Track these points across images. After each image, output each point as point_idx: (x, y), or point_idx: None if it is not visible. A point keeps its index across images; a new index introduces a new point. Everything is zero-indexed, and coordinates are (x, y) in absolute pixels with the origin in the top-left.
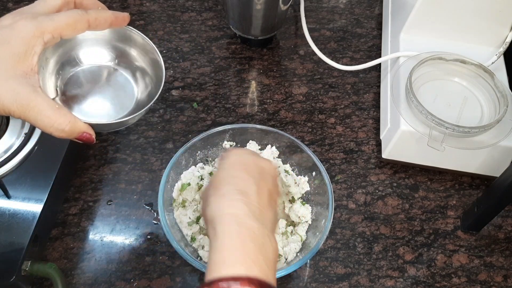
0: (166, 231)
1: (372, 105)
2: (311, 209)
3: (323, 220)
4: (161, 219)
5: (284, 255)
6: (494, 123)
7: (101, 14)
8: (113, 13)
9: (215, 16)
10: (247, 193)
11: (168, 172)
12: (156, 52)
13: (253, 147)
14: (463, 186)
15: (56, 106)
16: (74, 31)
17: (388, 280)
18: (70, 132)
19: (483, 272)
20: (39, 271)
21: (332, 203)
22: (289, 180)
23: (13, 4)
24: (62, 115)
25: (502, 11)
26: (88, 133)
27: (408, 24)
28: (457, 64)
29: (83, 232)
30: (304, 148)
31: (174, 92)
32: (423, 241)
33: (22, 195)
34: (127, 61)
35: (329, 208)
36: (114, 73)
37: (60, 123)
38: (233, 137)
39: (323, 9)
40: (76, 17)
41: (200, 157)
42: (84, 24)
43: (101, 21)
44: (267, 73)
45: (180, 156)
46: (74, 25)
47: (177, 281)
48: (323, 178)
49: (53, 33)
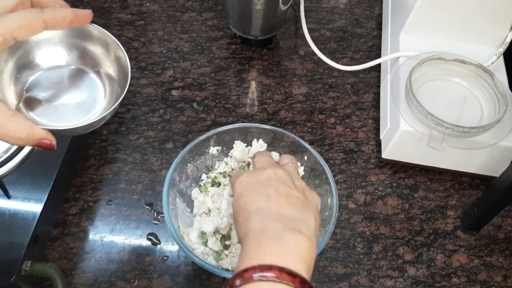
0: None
1: (372, 105)
2: None
3: (326, 212)
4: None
5: None
6: (494, 123)
7: (58, 12)
8: (73, 11)
9: (215, 16)
10: (260, 207)
11: (167, 193)
12: (120, 47)
13: (239, 146)
14: (463, 186)
15: (10, 113)
16: (28, 32)
17: (388, 280)
18: (27, 139)
19: (483, 272)
20: (39, 271)
21: (335, 194)
22: None
23: None
24: (16, 122)
25: (502, 11)
26: (47, 139)
27: (408, 24)
28: (457, 64)
29: (83, 232)
30: (288, 134)
31: (174, 92)
32: (423, 241)
33: (22, 195)
34: (90, 60)
35: (333, 199)
36: (77, 73)
37: (15, 131)
38: (218, 142)
39: (323, 9)
40: (31, 17)
41: (190, 169)
42: (40, 24)
43: (59, 20)
44: (267, 73)
45: (172, 173)
46: (28, 26)
47: (177, 281)
48: (327, 175)
49: (5, 35)
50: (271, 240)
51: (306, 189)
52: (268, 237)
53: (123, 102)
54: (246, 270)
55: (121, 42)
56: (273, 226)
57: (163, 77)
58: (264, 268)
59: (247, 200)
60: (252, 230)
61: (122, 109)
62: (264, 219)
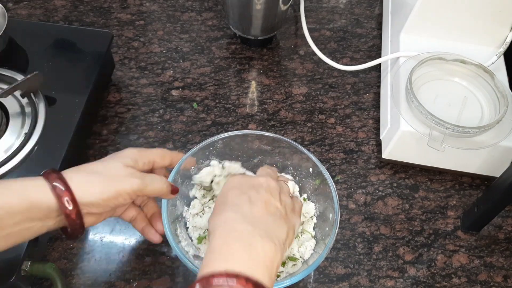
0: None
1: (372, 105)
2: (314, 205)
3: (330, 214)
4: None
5: (301, 256)
6: (494, 123)
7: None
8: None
9: (215, 16)
10: (238, 205)
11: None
12: None
13: (204, 171)
14: (463, 186)
15: None
16: None
17: (388, 281)
18: None
19: (483, 272)
20: (39, 271)
21: (336, 198)
22: None
23: (13, 4)
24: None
25: (502, 11)
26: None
27: (408, 24)
28: (457, 64)
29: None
30: (285, 140)
31: (174, 92)
32: (423, 241)
33: None
34: None
35: (334, 204)
36: None
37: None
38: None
39: (323, 9)
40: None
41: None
42: None
43: None
44: (267, 73)
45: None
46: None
47: (177, 281)
48: (324, 177)
49: None
50: (239, 242)
51: (290, 207)
52: (237, 239)
53: (123, 102)
54: (212, 276)
55: (121, 42)
56: (244, 227)
57: (163, 77)
58: (230, 275)
59: (230, 195)
60: (223, 225)
61: (122, 109)
62: (237, 217)
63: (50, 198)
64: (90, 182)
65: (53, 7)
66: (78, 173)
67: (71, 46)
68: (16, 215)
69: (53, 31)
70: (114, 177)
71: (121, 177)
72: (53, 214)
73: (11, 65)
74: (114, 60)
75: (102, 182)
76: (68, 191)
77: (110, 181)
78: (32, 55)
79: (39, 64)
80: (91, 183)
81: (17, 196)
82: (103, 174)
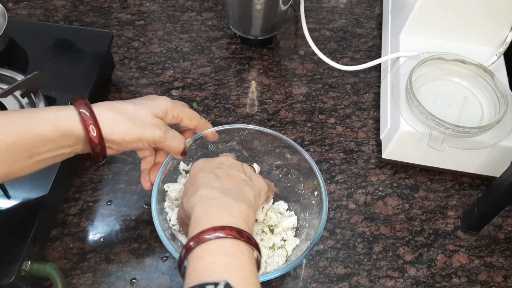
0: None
1: (372, 105)
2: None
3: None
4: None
5: (265, 266)
6: (494, 123)
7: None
8: None
9: (215, 16)
10: (208, 183)
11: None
12: None
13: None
14: (463, 186)
15: None
16: None
17: (388, 281)
18: None
19: (483, 272)
20: (39, 271)
21: (325, 208)
22: None
23: (13, 4)
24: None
25: (502, 11)
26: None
27: (408, 24)
28: (457, 64)
29: (83, 232)
30: (281, 137)
31: (174, 92)
32: (423, 241)
33: (22, 195)
34: None
35: (322, 218)
36: None
37: None
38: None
39: (323, 9)
40: None
41: None
42: None
43: None
44: (267, 73)
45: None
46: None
47: (177, 281)
48: (319, 181)
49: None
50: (217, 207)
51: (255, 175)
52: (215, 205)
53: None
54: (202, 232)
55: (121, 42)
56: (219, 196)
57: (163, 77)
58: (217, 228)
59: (199, 176)
60: (200, 200)
61: None
62: (211, 191)
63: (79, 128)
64: (117, 121)
65: (53, 7)
66: (109, 110)
67: (71, 46)
68: (50, 142)
69: (53, 31)
70: (140, 123)
71: (146, 124)
72: (81, 142)
73: (11, 65)
74: (114, 60)
75: (127, 124)
76: (93, 119)
77: (135, 126)
78: (32, 55)
79: (39, 64)
80: (118, 122)
81: (51, 126)
82: (131, 117)
